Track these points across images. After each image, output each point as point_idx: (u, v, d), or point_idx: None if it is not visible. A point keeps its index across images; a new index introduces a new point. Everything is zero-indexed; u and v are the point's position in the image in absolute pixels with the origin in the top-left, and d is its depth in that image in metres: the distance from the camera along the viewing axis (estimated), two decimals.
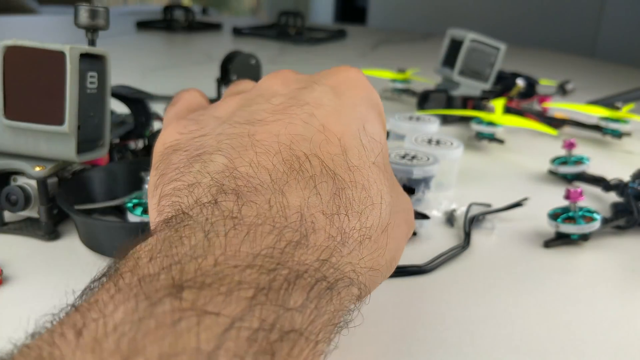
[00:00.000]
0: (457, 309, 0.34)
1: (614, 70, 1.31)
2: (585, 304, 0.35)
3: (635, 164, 0.60)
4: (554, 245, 0.42)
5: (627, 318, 0.34)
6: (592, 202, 0.51)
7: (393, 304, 0.34)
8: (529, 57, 1.39)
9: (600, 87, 1.03)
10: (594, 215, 0.41)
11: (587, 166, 0.54)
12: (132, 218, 0.38)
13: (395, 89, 0.87)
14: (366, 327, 0.32)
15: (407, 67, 0.89)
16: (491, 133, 0.63)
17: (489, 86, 0.76)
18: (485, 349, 0.30)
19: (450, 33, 0.76)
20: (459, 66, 0.73)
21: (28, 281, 0.34)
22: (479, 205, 0.47)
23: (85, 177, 0.41)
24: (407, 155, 0.47)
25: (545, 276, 0.38)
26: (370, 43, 1.51)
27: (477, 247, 0.42)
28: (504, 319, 0.33)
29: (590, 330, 0.32)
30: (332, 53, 1.33)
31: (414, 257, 0.39)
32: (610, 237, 0.44)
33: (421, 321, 0.32)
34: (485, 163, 0.61)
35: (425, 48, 1.49)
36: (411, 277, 0.37)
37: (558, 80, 0.95)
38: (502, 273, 0.38)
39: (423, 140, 0.53)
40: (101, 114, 0.39)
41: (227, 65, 0.71)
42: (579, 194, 0.41)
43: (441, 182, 0.52)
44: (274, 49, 1.32)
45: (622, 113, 0.68)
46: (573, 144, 0.54)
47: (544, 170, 0.58)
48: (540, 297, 0.35)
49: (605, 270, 0.39)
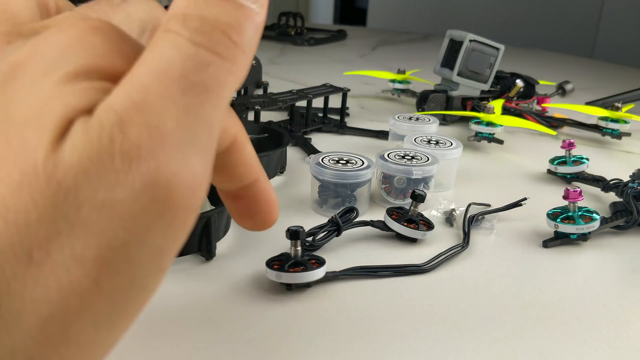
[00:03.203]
0: (457, 308, 0.34)
1: (613, 70, 1.31)
2: (585, 303, 0.35)
3: (634, 164, 0.61)
4: (553, 245, 0.42)
5: (626, 318, 0.34)
6: (591, 202, 0.51)
7: (393, 303, 0.34)
8: (528, 57, 1.39)
9: (600, 88, 1.03)
10: (593, 215, 0.41)
11: (586, 166, 0.54)
12: None
13: (394, 90, 0.87)
14: (366, 326, 0.32)
15: (407, 68, 0.89)
16: (490, 133, 0.64)
17: (488, 87, 0.76)
18: (485, 348, 0.30)
19: (450, 34, 0.76)
20: (458, 67, 0.73)
21: None
22: (478, 205, 0.47)
23: None
24: (407, 156, 0.48)
25: (544, 276, 0.38)
26: (370, 44, 1.51)
27: (476, 246, 0.42)
28: (503, 318, 0.33)
29: (590, 329, 0.32)
30: (332, 53, 1.33)
31: (414, 257, 0.39)
32: (610, 237, 0.44)
33: (421, 320, 0.32)
34: (485, 163, 0.61)
35: (425, 49, 1.49)
36: (411, 277, 0.37)
37: (557, 81, 0.95)
38: (501, 273, 0.38)
39: (422, 140, 0.53)
40: None
41: None
42: (578, 194, 0.41)
43: (440, 182, 0.52)
44: (274, 50, 1.32)
45: (622, 113, 0.69)
46: (572, 144, 0.55)
47: (543, 170, 0.58)
48: (539, 297, 0.36)
49: (604, 270, 0.39)
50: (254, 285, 0.35)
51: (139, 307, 0.14)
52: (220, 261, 0.38)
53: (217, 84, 0.14)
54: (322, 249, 0.39)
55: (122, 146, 0.12)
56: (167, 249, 0.14)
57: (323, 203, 0.46)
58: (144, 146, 0.13)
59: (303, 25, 1.51)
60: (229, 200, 0.21)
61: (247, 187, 0.20)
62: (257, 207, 0.21)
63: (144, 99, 0.13)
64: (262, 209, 0.21)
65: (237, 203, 0.21)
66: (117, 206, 0.13)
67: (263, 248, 0.39)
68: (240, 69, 0.15)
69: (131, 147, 0.13)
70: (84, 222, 0.12)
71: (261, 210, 0.21)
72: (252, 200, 0.21)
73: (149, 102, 0.13)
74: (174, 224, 0.14)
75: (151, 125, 0.13)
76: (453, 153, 0.51)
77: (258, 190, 0.21)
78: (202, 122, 0.14)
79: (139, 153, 0.13)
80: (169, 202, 0.13)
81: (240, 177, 0.20)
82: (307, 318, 0.32)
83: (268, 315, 0.32)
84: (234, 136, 0.19)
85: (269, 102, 0.61)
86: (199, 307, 0.33)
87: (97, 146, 0.12)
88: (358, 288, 0.35)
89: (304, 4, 3.18)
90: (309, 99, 0.65)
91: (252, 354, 0.29)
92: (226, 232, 0.40)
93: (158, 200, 0.13)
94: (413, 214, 0.42)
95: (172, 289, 0.34)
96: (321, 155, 0.46)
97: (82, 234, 0.12)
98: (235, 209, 0.21)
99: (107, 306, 0.13)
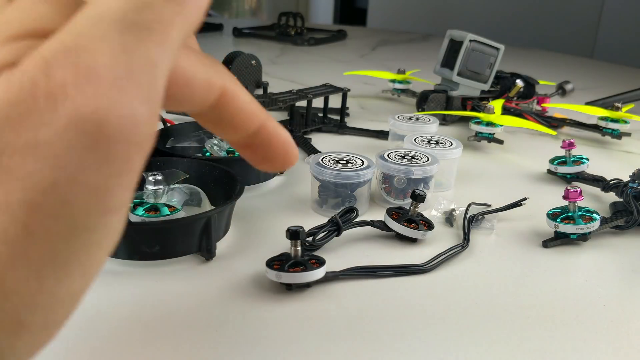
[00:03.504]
0: (457, 308, 0.34)
1: (613, 70, 1.31)
2: (585, 303, 0.35)
3: (634, 164, 0.61)
4: (553, 245, 0.42)
5: (626, 318, 0.34)
6: (591, 202, 0.51)
7: (393, 303, 0.34)
8: (528, 57, 1.39)
9: (600, 88, 1.03)
10: (593, 215, 0.41)
11: (586, 166, 0.54)
12: (133, 218, 0.38)
13: (394, 90, 0.87)
14: (366, 326, 0.32)
15: (407, 68, 0.89)
16: (490, 133, 0.64)
17: (488, 87, 0.76)
18: (485, 347, 0.30)
19: (450, 34, 0.76)
20: (458, 67, 0.73)
21: None
22: (478, 205, 0.47)
23: None
24: (407, 156, 0.48)
25: (544, 276, 0.38)
26: (370, 44, 1.51)
27: (476, 246, 0.42)
28: (503, 318, 0.33)
29: (590, 329, 0.32)
30: (332, 53, 1.33)
31: (414, 257, 0.39)
32: (610, 237, 0.44)
33: (421, 320, 0.32)
34: (485, 163, 0.61)
35: (425, 49, 1.49)
36: (411, 277, 0.37)
37: (557, 81, 0.95)
38: (501, 273, 0.38)
39: (422, 140, 0.53)
40: None
41: (228, 66, 0.71)
42: (578, 194, 0.41)
43: (440, 182, 0.52)
44: (274, 50, 1.32)
45: (622, 113, 0.69)
46: (572, 144, 0.55)
47: (543, 170, 0.58)
48: (539, 297, 0.36)
49: (604, 270, 0.39)
50: (254, 285, 0.35)
51: (94, 252, 0.14)
52: (220, 261, 0.38)
53: (160, 23, 0.13)
54: (322, 249, 0.39)
55: (47, 87, 0.12)
56: (109, 186, 0.13)
57: (323, 203, 0.46)
58: (70, 83, 0.12)
59: (303, 25, 1.51)
60: (243, 150, 0.21)
61: (255, 134, 0.20)
62: (272, 151, 0.20)
63: (75, 42, 0.12)
64: (277, 152, 0.21)
65: (251, 151, 0.20)
66: (41, 146, 0.12)
67: (263, 248, 0.39)
68: (190, 10, 0.14)
69: (56, 86, 0.12)
70: (6, 168, 0.12)
71: (277, 153, 0.21)
72: (265, 145, 0.20)
73: (80, 45, 0.12)
74: (110, 158, 0.13)
75: (80, 65, 0.12)
76: (453, 153, 0.51)
77: (267, 134, 0.20)
78: (141, 59, 0.13)
79: (65, 91, 0.12)
80: (101, 136, 0.12)
81: (243, 125, 0.19)
82: (307, 318, 0.32)
83: (268, 315, 0.32)
84: (222, 88, 0.18)
85: (269, 102, 0.61)
86: (199, 307, 0.33)
87: (18, 90, 0.12)
88: (358, 288, 0.35)
89: (304, 4, 3.18)
90: (309, 99, 0.65)
91: (252, 354, 0.29)
92: (226, 232, 0.40)
93: (87, 135, 0.12)
94: (413, 214, 0.42)
95: (172, 289, 0.34)
96: (321, 155, 0.46)
97: (5, 180, 0.12)
98: (251, 157, 0.21)
99: (45, 253, 0.13)
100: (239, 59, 0.72)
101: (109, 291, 0.34)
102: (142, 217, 0.38)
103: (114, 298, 0.33)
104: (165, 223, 0.36)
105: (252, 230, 0.43)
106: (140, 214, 0.38)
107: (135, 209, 0.38)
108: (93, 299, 0.33)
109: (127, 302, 0.33)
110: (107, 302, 0.33)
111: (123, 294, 0.33)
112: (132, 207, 0.38)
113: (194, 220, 0.35)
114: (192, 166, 0.44)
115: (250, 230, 0.43)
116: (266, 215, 0.45)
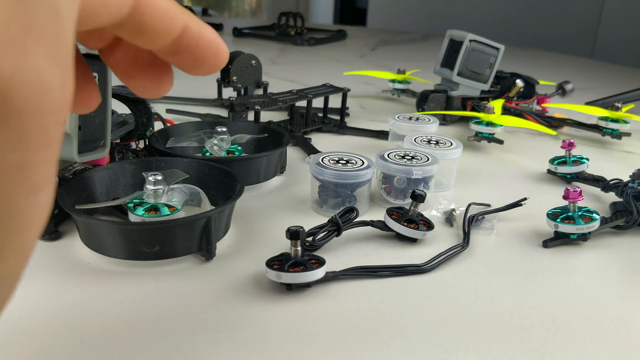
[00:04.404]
0: (457, 308, 0.34)
1: (613, 70, 1.31)
2: (585, 303, 0.35)
3: (634, 164, 0.61)
4: (553, 245, 0.42)
5: (626, 318, 0.34)
6: (591, 202, 0.51)
7: (393, 303, 0.34)
8: (528, 57, 1.39)
9: (600, 88, 1.03)
10: (593, 215, 0.42)
11: (586, 166, 0.54)
12: (133, 218, 0.38)
13: (394, 90, 0.87)
14: (366, 326, 0.32)
15: (407, 68, 0.89)
16: (490, 133, 0.64)
17: (488, 87, 0.76)
18: (485, 347, 0.30)
19: (450, 34, 0.76)
20: (458, 67, 0.73)
21: (29, 281, 0.34)
22: (478, 205, 0.47)
23: (86, 177, 0.41)
24: (407, 156, 0.48)
25: (544, 276, 0.38)
26: (370, 44, 1.51)
27: (476, 246, 0.42)
28: (503, 318, 0.33)
29: (590, 329, 0.32)
30: (332, 53, 1.33)
31: (414, 257, 0.39)
32: (610, 237, 0.44)
33: (421, 320, 0.32)
34: (485, 163, 0.61)
35: (425, 49, 1.49)
36: (411, 277, 0.37)
37: (557, 81, 0.95)
38: (501, 272, 0.38)
39: (422, 140, 0.53)
40: (102, 115, 0.39)
41: (228, 66, 0.71)
42: (578, 194, 0.41)
43: (440, 182, 0.52)
44: (274, 50, 1.32)
45: (622, 113, 0.69)
46: (572, 144, 0.55)
47: (543, 170, 0.58)
48: (539, 297, 0.36)
49: (604, 270, 0.39)
50: (254, 285, 0.35)
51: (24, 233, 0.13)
52: (220, 261, 0.38)
53: None
54: (322, 249, 0.39)
55: None
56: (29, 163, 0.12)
57: (323, 203, 0.46)
58: None
59: (303, 25, 1.51)
60: (172, 58, 0.20)
61: (179, 38, 0.19)
62: (200, 52, 0.19)
63: None
64: (206, 52, 0.20)
65: (180, 57, 0.20)
66: None
67: (263, 248, 0.39)
68: None
69: None
70: None
71: (206, 54, 0.20)
72: (192, 48, 0.19)
73: None
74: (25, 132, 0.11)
75: None
76: (453, 153, 0.51)
77: (192, 36, 0.19)
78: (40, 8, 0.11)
79: None
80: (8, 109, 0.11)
81: (165, 31, 0.18)
82: (307, 318, 0.32)
83: (268, 315, 0.32)
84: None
85: (269, 102, 0.61)
86: (199, 307, 0.33)
87: None
88: (358, 288, 0.35)
89: (304, 4, 3.18)
90: (309, 99, 0.65)
91: (252, 354, 0.29)
92: (226, 232, 0.40)
93: None
94: (413, 214, 0.42)
95: (172, 289, 0.34)
96: (321, 155, 0.46)
97: None
98: (182, 64, 0.20)
99: None
100: (239, 59, 0.72)
101: (109, 291, 0.34)
102: (142, 217, 0.38)
103: (114, 298, 0.33)
104: (165, 223, 0.36)
105: (252, 230, 0.43)
106: (140, 214, 0.38)
107: (135, 209, 0.38)
108: (93, 299, 0.33)
109: (127, 302, 0.33)
110: (107, 302, 0.33)
111: (123, 294, 0.33)
112: (132, 207, 0.38)
113: (194, 220, 0.35)
114: (192, 166, 0.44)
115: (250, 230, 0.43)
116: (266, 215, 0.45)
